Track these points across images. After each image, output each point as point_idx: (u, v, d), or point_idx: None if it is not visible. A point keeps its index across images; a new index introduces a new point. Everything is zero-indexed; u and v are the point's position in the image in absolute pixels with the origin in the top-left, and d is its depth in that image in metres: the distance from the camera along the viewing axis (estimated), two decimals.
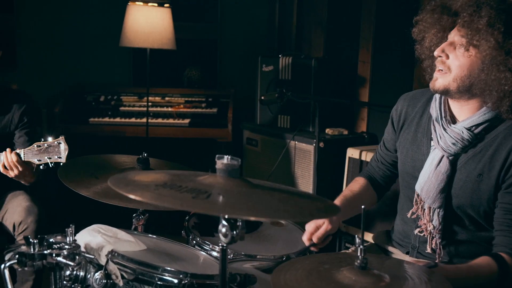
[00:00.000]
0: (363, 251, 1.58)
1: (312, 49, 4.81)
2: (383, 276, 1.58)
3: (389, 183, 2.53)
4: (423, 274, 1.66)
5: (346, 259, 1.69)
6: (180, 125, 4.66)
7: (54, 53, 5.03)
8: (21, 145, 3.14)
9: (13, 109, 3.18)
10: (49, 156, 2.86)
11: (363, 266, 1.58)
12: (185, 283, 1.81)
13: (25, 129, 3.19)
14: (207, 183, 1.55)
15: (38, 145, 2.88)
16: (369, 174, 2.51)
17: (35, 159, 2.87)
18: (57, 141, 2.87)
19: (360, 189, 2.45)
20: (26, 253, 1.73)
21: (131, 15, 4.30)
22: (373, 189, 2.48)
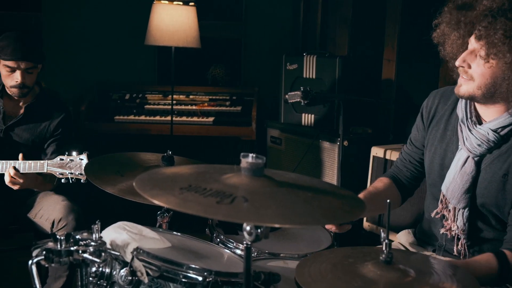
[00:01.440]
0: (388, 246, 1.57)
1: (337, 48, 4.79)
2: (408, 270, 1.57)
3: (414, 185, 2.48)
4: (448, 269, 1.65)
5: (371, 253, 1.69)
6: (204, 123, 4.68)
7: (80, 52, 5.08)
8: (49, 154, 3.19)
9: (52, 117, 3.23)
10: (71, 172, 2.90)
11: (388, 260, 1.57)
12: (210, 281, 1.81)
13: (57, 140, 3.24)
14: (231, 183, 1.55)
15: (61, 158, 2.91)
16: (393, 175, 2.47)
17: (57, 172, 2.91)
18: (80, 157, 2.90)
19: (385, 187, 2.42)
20: (53, 250, 1.75)
21: (157, 13, 4.32)
22: (397, 190, 2.45)
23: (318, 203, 1.54)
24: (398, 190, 2.44)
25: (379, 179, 2.48)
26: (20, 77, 3.06)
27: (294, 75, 4.38)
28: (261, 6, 5.28)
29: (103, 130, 4.65)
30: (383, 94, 4.34)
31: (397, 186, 2.44)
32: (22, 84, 3.08)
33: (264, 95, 4.98)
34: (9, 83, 3.10)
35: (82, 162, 2.88)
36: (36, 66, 3.12)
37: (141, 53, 5.14)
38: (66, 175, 2.90)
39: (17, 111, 3.20)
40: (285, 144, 4.45)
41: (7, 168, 2.97)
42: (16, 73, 3.06)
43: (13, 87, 3.10)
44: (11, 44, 3.04)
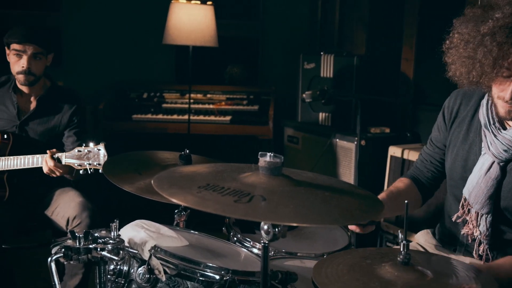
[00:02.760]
0: (406, 246, 1.56)
1: (354, 47, 4.77)
2: (426, 272, 1.56)
3: (434, 186, 2.45)
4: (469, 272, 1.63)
5: (388, 254, 1.68)
6: (221, 122, 4.69)
7: (98, 51, 5.11)
8: (70, 145, 3.21)
9: (64, 109, 3.25)
10: (88, 162, 2.91)
11: (406, 261, 1.56)
12: (227, 280, 1.82)
13: (74, 129, 3.25)
14: (249, 182, 1.56)
15: (79, 149, 2.93)
16: (414, 176, 2.44)
17: (75, 163, 2.93)
18: (97, 147, 2.91)
19: (406, 187, 2.39)
20: (72, 247, 1.77)
21: (174, 13, 4.34)
22: (418, 191, 2.42)
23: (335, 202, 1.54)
24: (419, 191, 2.42)
25: (399, 179, 2.45)
26: (26, 63, 3.09)
27: (311, 74, 4.38)
28: (279, 5, 5.27)
29: (121, 128, 4.68)
30: (400, 93, 4.32)
31: (418, 187, 2.41)
32: (28, 69, 3.10)
33: (281, 94, 4.98)
34: (16, 69, 3.12)
35: (100, 153, 2.90)
36: (44, 54, 3.15)
37: (159, 52, 5.16)
38: (84, 166, 2.92)
39: (30, 105, 3.23)
40: (302, 143, 4.45)
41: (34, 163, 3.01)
42: (23, 59, 3.09)
43: (19, 73, 3.12)
44: (20, 29, 3.11)
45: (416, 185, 2.41)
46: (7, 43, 3.14)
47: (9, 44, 3.13)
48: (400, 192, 2.35)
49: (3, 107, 3.21)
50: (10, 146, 3.13)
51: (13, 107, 3.19)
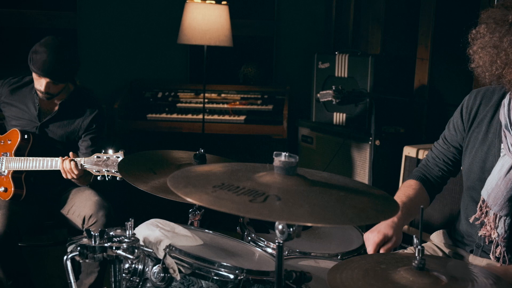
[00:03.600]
0: (421, 252, 1.55)
1: (369, 46, 4.76)
2: (441, 277, 1.55)
3: (441, 184, 2.42)
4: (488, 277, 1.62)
5: (403, 260, 1.67)
6: (236, 122, 4.69)
7: (114, 50, 5.14)
8: (84, 150, 3.22)
9: (85, 114, 3.26)
10: (107, 169, 2.93)
11: (421, 267, 1.56)
12: (241, 279, 1.82)
13: (91, 134, 3.26)
14: (264, 182, 1.56)
15: (98, 156, 2.94)
16: (421, 176, 2.40)
17: (93, 169, 2.95)
18: (116, 155, 2.93)
19: (415, 194, 2.34)
20: (87, 246, 1.78)
21: (189, 12, 4.35)
22: (427, 193, 2.40)
23: (350, 202, 1.54)
24: (427, 192, 2.39)
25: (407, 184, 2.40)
26: (44, 87, 3.08)
27: (326, 73, 4.37)
28: (293, 4, 5.27)
29: (135, 128, 4.70)
30: (416, 93, 4.30)
31: (426, 188, 2.38)
32: (47, 93, 3.11)
33: (296, 94, 4.98)
34: (36, 85, 3.13)
35: (119, 160, 2.91)
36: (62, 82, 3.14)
37: (174, 52, 5.18)
38: (103, 172, 2.94)
39: (52, 108, 3.24)
40: (316, 143, 4.44)
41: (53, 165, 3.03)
42: (42, 81, 3.08)
43: (38, 91, 3.13)
44: (42, 57, 3.02)
45: (424, 187, 2.38)
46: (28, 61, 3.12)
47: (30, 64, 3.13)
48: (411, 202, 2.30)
49: (25, 107, 3.24)
50: (29, 147, 3.16)
51: (34, 108, 3.22)
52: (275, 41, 5.28)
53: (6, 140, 3.20)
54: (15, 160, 3.13)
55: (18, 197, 3.14)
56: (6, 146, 3.19)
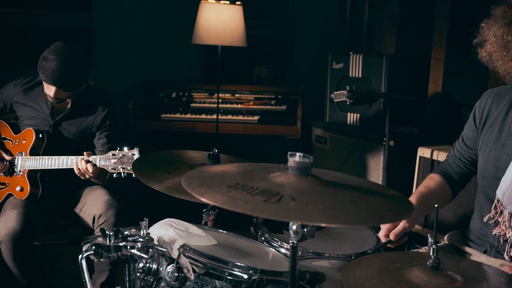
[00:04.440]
0: (435, 251, 1.55)
1: (384, 46, 4.74)
2: (456, 277, 1.54)
3: (465, 181, 2.45)
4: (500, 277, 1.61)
5: (417, 259, 1.67)
6: (250, 122, 4.70)
7: (128, 50, 5.16)
8: (100, 147, 3.24)
9: (97, 111, 3.27)
10: (122, 166, 2.94)
11: (436, 266, 1.55)
12: (255, 279, 1.82)
13: (105, 131, 3.27)
14: (278, 182, 1.56)
15: (113, 153, 2.95)
16: (443, 171, 2.44)
17: (109, 166, 2.96)
18: (132, 152, 2.93)
19: (436, 186, 2.39)
20: (102, 245, 1.78)
21: (204, 12, 4.36)
22: (448, 187, 2.42)
23: (365, 203, 1.53)
24: (449, 186, 2.41)
25: (430, 176, 2.45)
26: (53, 94, 3.09)
27: (340, 74, 4.36)
28: (307, 4, 5.27)
29: (150, 127, 4.71)
30: (430, 94, 4.28)
31: (448, 182, 2.41)
32: (56, 98, 3.12)
33: (310, 94, 4.98)
34: (45, 90, 3.13)
35: (134, 157, 2.92)
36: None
37: (188, 52, 5.19)
38: (118, 169, 2.95)
39: (64, 106, 3.26)
40: (330, 143, 4.43)
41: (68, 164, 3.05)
42: (51, 88, 3.08)
43: (48, 96, 3.14)
44: (51, 66, 3.02)
45: (446, 181, 2.41)
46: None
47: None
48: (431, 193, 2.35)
49: (37, 106, 3.26)
50: (44, 146, 3.19)
51: (46, 107, 3.24)
52: (289, 41, 5.28)
53: (21, 139, 3.22)
54: (30, 159, 3.15)
55: (34, 196, 3.16)
56: (21, 145, 3.22)
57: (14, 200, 3.16)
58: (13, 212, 3.03)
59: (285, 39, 5.28)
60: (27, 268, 3.05)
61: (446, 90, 4.20)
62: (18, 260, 3.01)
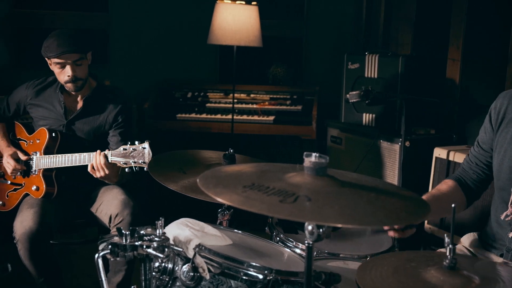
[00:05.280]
0: (452, 251, 1.54)
1: (400, 46, 4.73)
2: (473, 277, 1.53)
3: (481, 188, 2.41)
4: None
5: (434, 258, 1.66)
6: (265, 122, 4.70)
7: (144, 50, 5.18)
8: (114, 145, 3.25)
9: (109, 108, 3.28)
10: (134, 160, 2.95)
11: (452, 266, 1.54)
12: (270, 279, 1.82)
13: (119, 128, 3.29)
14: (294, 182, 1.56)
15: (124, 148, 2.97)
16: (458, 177, 2.40)
17: (120, 161, 2.97)
18: (142, 146, 2.94)
19: (449, 190, 2.36)
20: (118, 244, 1.79)
21: (219, 13, 4.36)
22: (462, 193, 2.39)
23: (381, 203, 1.53)
24: (464, 193, 2.38)
25: (444, 181, 2.43)
26: (71, 71, 3.13)
27: (355, 74, 4.35)
28: (323, 4, 5.26)
29: (165, 127, 4.73)
30: (446, 94, 4.26)
31: (463, 189, 2.38)
32: (74, 77, 3.15)
33: (325, 94, 4.97)
34: (62, 79, 3.18)
35: (145, 151, 2.93)
36: (84, 57, 3.17)
37: (204, 52, 5.20)
38: (130, 164, 2.96)
39: (76, 105, 3.29)
40: (346, 143, 4.42)
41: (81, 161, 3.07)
42: (67, 68, 3.13)
43: (67, 82, 3.17)
44: (54, 41, 3.10)
45: (461, 187, 2.38)
46: (45, 57, 3.18)
47: (47, 57, 3.18)
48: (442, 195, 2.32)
49: (51, 107, 3.28)
50: (58, 144, 3.21)
51: (60, 106, 3.26)
52: (304, 42, 5.28)
53: (35, 139, 3.25)
54: (45, 158, 3.18)
55: (50, 195, 3.19)
56: (35, 145, 3.24)
57: (30, 200, 3.19)
58: (29, 212, 3.06)
59: (300, 39, 5.28)
60: (43, 267, 3.07)
61: (463, 91, 4.18)
62: (34, 259, 3.03)
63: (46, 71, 3.30)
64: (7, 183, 3.33)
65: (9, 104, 3.40)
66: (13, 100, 3.39)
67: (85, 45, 3.19)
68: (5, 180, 3.34)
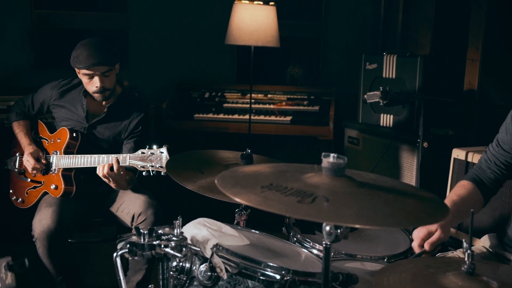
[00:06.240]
0: (471, 256, 1.53)
1: (418, 47, 4.70)
2: (492, 283, 1.52)
3: (497, 186, 2.39)
4: None
5: (452, 264, 1.64)
6: (282, 122, 4.69)
7: (162, 51, 5.20)
8: (126, 152, 3.27)
9: (132, 116, 3.31)
10: (151, 164, 2.97)
11: (471, 271, 1.53)
12: (287, 280, 1.82)
13: (135, 137, 3.31)
14: (312, 183, 1.56)
15: (143, 151, 2.99)
16: (475, 177, 2.37)
17: (138, 165, 2.99)
18: (160, 150, 2.96)
19: (468, 194, 2.33)
20: (136, 243, 1.80)
21: (237, 13, 4.37)
22: (480, 194, 2.36)
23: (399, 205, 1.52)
24: (481, 193, 2.36)
25: (460, 184, 2.39)
26: (99, 82, 3.15)
27: (373, 75, 4.33)
28: (341, 4, 5.24)
29: (183, 127, 4.74)
30: (465, 95, 4.23)
31: (480, 190, 2.35)
32: (102, 88, 3.17)
33: (342, 95, 4.95)
34: (90, 89, 3.20)
35: (163, 155, 2.95)
36: (112, 68, 3.19)
37: (221, 52, 5.21)
38: (147, 167, 2.98)
39: (100, 110, 3.31)
40: (363, 144, 4.41)
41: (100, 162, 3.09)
42: (95, 79, 3.15)
43: (95, 93, 3.20)
44: (83, 52, 3.11)
45: (478, 188, 2.35)
46: (74, 67, 3.20)
47: (77, 68, 3.20)
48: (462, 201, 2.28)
49: (73, 109, 3.31)
50: (78, 145, 3.23)
51: (82, 110, 3.29)
52: (322, 42, 5.27)
53: (56, 139, 3.28)
54: (65, 158, 3.20)
55: (68, 194, 3.21)
56: (56, 144, 3.27)
57: (49, 198, 3.22)
58: (48, 210, 3.09)
59: (318, 39, 5.27)
60: (61, 265, 3.10)
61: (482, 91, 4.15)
62: (53, 257, 3.06)
63: (67, 72, 3.32)
64: (27, 181, 3.37)
65: (34, 103, 3.44)
66: (37, 99, 3.43)
67: (114, 57, 3.21)
68: (25, 178, 3.38)
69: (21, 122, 3.44)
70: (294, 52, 5.24)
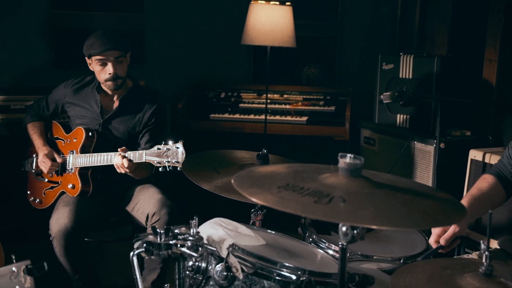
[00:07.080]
0: (488, 258, 1.52)
1: (435, 47, 4.67)
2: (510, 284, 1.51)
3: None
4: None
5: (469, 265, 1.63)
6: (298, 123, 4.69)
7: (179, 51, 5.21)
8: (143, 145, 3.30)
9: (144, 108, 3.34)
10: (168, 160, 2.98)
11: (488, 273, 1.52)
12: (303, 280, 1.82)
13: (150, 130, 3.34)
14: (329, 183, 1.55)
15: (159, 147, 3.00)
16: (497, 171, 2.38)
17: (155, 160, 3.01)
18: (176, 145, 2.98)
19: (489, 187, 2.33)
20: (153, 242, 1.81)
21: (253, 13, 4.37)
22: (502, 188, 2.35)
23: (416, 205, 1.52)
24: (503, 188, 2.35)
25: (483, 177, 2.40)
26: (112, 68, 3.19)
27: (390, 75, 4.31)
28: (357, 4, 5.23)
29: (199, 127, 4.75)
30: (483, 95, 4.19)
31: (502, 184, 2.35)
32: (115, 74, 3.21)
33: (358, 95, 4.94)
34: (103, 77, 3.23)
35: (179, 151, 2.96)
36: (124, 56, 3.24)
37: (237, 53, 5.21)
38: (164, 163, 2.99)
39: (112, 105, 3.34)
40: (379, 144, 4.39)
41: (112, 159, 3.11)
42: (108, 66, 3.20)
43: (107, 80, 3.23)
44: (98, 39, 3.19)
45: (501, 183, 2.35)
46: (88, 55, 3.25)
47: (90, 55, 3.24)
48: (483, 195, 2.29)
49: (88, 106, 3.34)
50: (94, 143, 3.26)
51: (96, 106, 3.31)
52: (338, 42, 5.25)
53: (72, 138, 3.31)
54: (81, 157, 3.23)
55: (85, 193, 3.23)
56: (72, 144, 3.30)
57: (66, 198, 3.24)
58: (65, 209, 3.11)
59: (334, 39, 5.25)
60: (77, 264, 3.12)
61: (500, 92, 4.11)
62: (69, 256, 3.08)
63: (85, 72, 3.36)
64: (44, 181, 3.40)
65: (48, 103, 3.47)
66: (52, 99, 3.46)
67: (126, 44, 3.27)
68: (43, 178, 3.41)
69: (36, 124, 3.47)
70: (310, 52, 5.23)
